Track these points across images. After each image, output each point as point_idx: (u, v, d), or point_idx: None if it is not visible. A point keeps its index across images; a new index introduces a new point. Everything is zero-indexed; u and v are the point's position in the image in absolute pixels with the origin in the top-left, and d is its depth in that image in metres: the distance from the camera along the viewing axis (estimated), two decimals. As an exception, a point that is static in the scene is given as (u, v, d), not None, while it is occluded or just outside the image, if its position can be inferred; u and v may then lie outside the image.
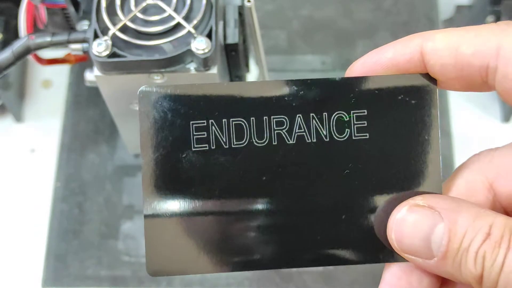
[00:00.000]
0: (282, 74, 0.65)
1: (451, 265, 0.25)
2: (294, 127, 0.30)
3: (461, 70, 0.27)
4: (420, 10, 0.68)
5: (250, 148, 0.30)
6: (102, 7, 0.44)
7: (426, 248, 0.26)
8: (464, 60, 0.27)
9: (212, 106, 0.30)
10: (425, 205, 0.26)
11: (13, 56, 0.47)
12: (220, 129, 0.30)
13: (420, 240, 0.26)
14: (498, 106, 0.66)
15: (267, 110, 0.30)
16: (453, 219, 0.25)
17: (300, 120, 0.30)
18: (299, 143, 0.30)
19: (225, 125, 0.30)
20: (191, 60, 0.44)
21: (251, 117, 0.30)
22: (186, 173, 0.30)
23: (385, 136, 0.30)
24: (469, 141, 0.64)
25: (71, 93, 0.65)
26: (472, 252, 0.25)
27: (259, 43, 0.49)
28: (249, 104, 0.30)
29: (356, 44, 0.67)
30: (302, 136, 0.30)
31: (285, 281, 0.57)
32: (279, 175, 0.30)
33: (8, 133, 0.66)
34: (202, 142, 0.30)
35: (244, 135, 0.30)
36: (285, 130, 0.30)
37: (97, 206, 0.60)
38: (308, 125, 0.30)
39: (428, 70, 0.28)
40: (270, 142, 0.30)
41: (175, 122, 0.30)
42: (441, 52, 0.27)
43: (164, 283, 0.57)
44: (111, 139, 0.63)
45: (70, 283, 0.58)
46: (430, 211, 0.26)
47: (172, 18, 0.44)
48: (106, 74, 0.44)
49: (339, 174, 0.30)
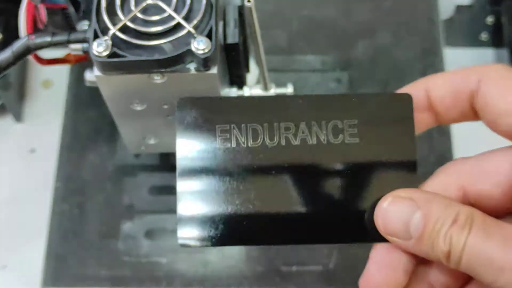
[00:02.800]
0: (282, 74, 0.65)
1: (425, 244, 0.32)
2: (299, 131, 0.38)
3: (455, 98, 0.35)
4: (420, 10, 0.68)
5: (263, 147, 0.38)
6: (102, 7, 0.44)
7: (406, 231, 0.32)
8: (455, 89, 0.35)
9: (233, 114, 0.38)
10: (406, 197, 0.33)
11: (13, 56, 0.47)
12: (239, 132, 0.38)
13: (401, 224, 0.32)
14: (498, 106, 0.66)
15: (277, 118, 0.38)
16: (428, 207, 0.32)
17: (303, 126, 0.38)
18: (303, 144, 0.38)
19: (244, 128, 0.38)
20: (191, 60, 0.44)
21: (264, 122, 0.38)
22: (212, 163, 0.37)
23: (373, 141, 0.37)
24: (469, 141, 0.64)
25: (71, 93, 0.65)
26: (442, 234, 0.31)
27: (259, 43, 0.49)
28: (263, 113, 0.38)
29: (356, 44, 0.67)
30: (304, 139, 0.38)
31: (285, 280, 0.57)
32: (286, 169, 0.37)
33: (8, 133, 0.66)
34: (225, 141, 0.38)
35: (258, 137, 0.38)
36: (291, 133, 0.38)
37: (97, 206, 0.60)
38: (310, 130, 0.38)
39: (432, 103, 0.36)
40: (279, 143, 0.38)
41: (204, 125, 0.38)
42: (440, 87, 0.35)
43: (164, 282, 0.57)
44: (111, 139, 0.63)
45: (70, 283, 0.58)
46: (410, 201, 0.32)
47: (172, 18, 0.44)
48: (106, 74, 0.44)
49: (334, 170, 0.37)
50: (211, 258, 0.58)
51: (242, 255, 0.58)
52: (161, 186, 0.61)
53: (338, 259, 0.57)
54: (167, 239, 0.59)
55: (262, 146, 0.38)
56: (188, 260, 0.58)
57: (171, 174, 0.62)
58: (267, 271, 0.57)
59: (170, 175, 0.62)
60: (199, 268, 0.58)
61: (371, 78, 0.65)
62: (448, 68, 0.65)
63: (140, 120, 0.50)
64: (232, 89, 0.53)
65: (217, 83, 0.45)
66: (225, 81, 0.51)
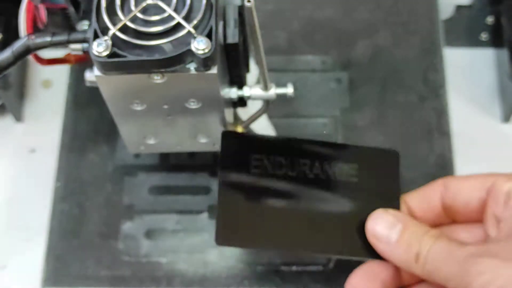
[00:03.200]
0: (282, 74, 0.65)
1: (401, 247, 0.43)
2: (313, 167, 0.49)
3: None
4: (420, 10, 0.68)
5: (285, 175, 0.49)
6: (102, 7, 0.44)
7: (388, 236, 0.43)
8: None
9: (264, 148, 0.50)
10: (392, 213, 0.45)
11: (13, 56, 0.47)
12: (268, 162, 0.49)
13: (386, 230, 0.44)
14: (498, 106, 0.66)
15: (297, 154, 0.50)
16: (407, 222, 0.44)
17: (317, 163, 0.50)
18: (316, 177, 0.49)
19: (272, 159, 0.49)
20: (191, 60, 0.44)
21: (288, 157, 0.49)
22: (245, 183, 0.49)
23: (368, 181, 0.50)
24: (469, 141, 0.64)
25: (71, 93, 0.65)
26: (414, 241, 0.42)
27: (259, 43, 0.49)
28: (287, 150, 0.50)
29: (356, 44, 0.67)
30: (317, 173, 0.49)
31: (285, 281, 0.57)
32: (302, 193, 0.49)
33: (8, 133, 0.66)
34: (256, 168, 0.49)
35: (282, 167, 0.49)
36: (307, 168, 0.49)
37: (97, 206, 0.60)
38: (322, 167, 0.49)
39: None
40: (298, 174, 0.49)
41: (242, 153, 0.49)
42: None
43: (164, 282, 0.57)
44: (111, 139, 0.63)
45: (70, 283, 0.58)
46: (394, 217, 0.45)
47: (172, 18, 0.44)
48: (106, 74, 0.44)
49: (337, 198, 0.49)
50: (211, 258, 0.58)
51: (242, 255, 0.58)
52: (161, 186, 0.61)
53: (338, 260, 0.58)
54: (167, 239, 0.59)
55: (284, 174, 0.49)
56: (188, 260, 0.58)
57: (171, 174, 0.62)
58: (267, 271, 0.57)
59: (170, 175, 0.62)
60: (199, 268, 0.58)
61: (371, 78, 0.65)
62: (448, 68, 0.65)
63: (140, 120, 0.50)
64: (232, 89, 0.53)
65: (217, 83, 0.45)
66: (225, 81, 0.51)
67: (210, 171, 0.62)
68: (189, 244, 0.59)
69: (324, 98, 0.64)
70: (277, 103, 0.60)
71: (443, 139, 0.62)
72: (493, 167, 0.64)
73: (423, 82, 0.64)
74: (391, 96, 0.64)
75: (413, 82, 0.64)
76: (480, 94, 0.67)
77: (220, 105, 0.48)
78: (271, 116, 0.63)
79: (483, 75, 0.68)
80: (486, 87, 0.67)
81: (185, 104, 0.48)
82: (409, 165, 0.61)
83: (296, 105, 0.64)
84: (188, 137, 0.53)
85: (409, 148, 0.62)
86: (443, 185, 0.46)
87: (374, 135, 0.62)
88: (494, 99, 0.66)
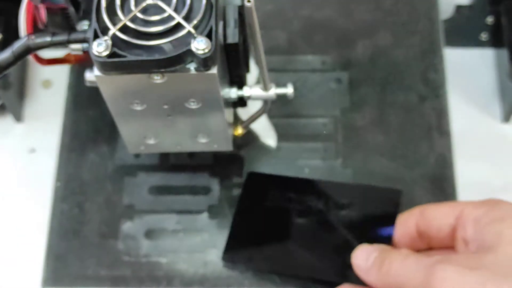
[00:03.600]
0: (282, 74, 0.65)
1: (373, 269, 0.47)
2: (320, 202, 0.57)
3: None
4: (420, 10, 0.68)
5: (293, 208, 0.57)
6: (102, 7, 0.44)
7: (365, 263, 0.48)
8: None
9: (278, 185, 0.59)
10: (372, 246, 0.49)
11: (13, 56, 0.48)
12: (281, 196, 0.58)
13: (364, 259, 0.49)
14: (498, 106, 0.66)
15: (305, 192, 0.58)
16: (381, 250, 0.48)
17: (323, 200, 0.57)
18: (318, 212, 0.57)
19: (284, 195, 0.58)
20: (191, 60, 0.44)
21: (298, 193, 0.58)
22: (260, 213, 0.58)
23: (367, 217, 0.56)
24: (469, 141, 0.64)
25: (71, 93, 0.65)
26: (384, 261, 0.47)
27: (259, 43, 0.49)
28: (299, 187, 0.59)
29: (356, 44, 0.67)
30: (321, 209, 0.57)
31: (284, 281, 0.57)
32: (306, 226, 0.56)
33: (8, 133, 0.66)
34: (270, 201, 0.58)
35: (291, 202, 0.58)
36: (313, 203, 0.57)
37: (97, 206, 0.60)
38: (327, 203, 0.57)
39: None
40: (305, 208, 0.57)
41: (260, 189, 0.59)
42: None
43: (164, 282, 0.57)
44: (111, 139, 0.63)
45: (70, 283, 0.58)
46: (372, 247, 0.49)
47: (172, 18, 0.44)
48: (106, 74, 0.44)
49: (339, 231, 0.56)
50: (211, 258, 0.58)
51: (242, 255, 0.59)
52: (161, 186, 0.61)
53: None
54: (167, 239, 0.59)
55: (293, 208, 0.57)
56: (188, 260, 0.58)
57: (171, 174, 0.62)
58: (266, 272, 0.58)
59: (170, 175, 0.62)
60: (199, 268, 0.58)
61: (371, 78, 0.65)
62: (448, 68, 0.65)
63: (140, 120, 0.50)
64: (232, 89, 0.53)
65: (217, 83, 0.46)
66: (225, 81, 0.51)
67: (210, 171, 0.62)
68: (189, 244, 0.59)
69: (324, 98, 0.64)
70: (277, 103, 0.60)
71: (443, 139, 0.62)
72: (493, 167, 0.65)
73: (423, 82, 0.64)
74: (391, 96, 0.64)
75: (413, 82, 0.64)
76: (480, 94, 0.67)
77: (220, 105, 0.48)
78: (271, 116, 0.63)
79: (483, 75, 0.68)
80: (486, 87, 0.67)
81: (185, 104, 0.48)
82: (409, 165, 0.61)
83: (296, 105, 0.64)
84: (188, 137, 0.53)
85: (409, 148, 0.62)
86: (419, 212, 0.50)
87: (374, 135, 0.62)
88: (494, 99, 0.66)
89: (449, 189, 0.60)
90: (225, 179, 0.61)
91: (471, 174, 0.63)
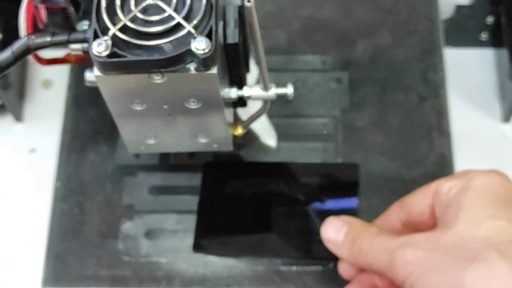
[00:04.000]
0: (282, 74, 0.65)
1: (346, 245, 0.48)
2: (279, 185, 0.59)
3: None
4: (420, 10, 0.68)
5: (254, 194, 0.59)
6: (102, 7, 0.44)
7: (336, 237, 0.49)
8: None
9: (239, 172, 0.60)
10: (339, 218, 0.50)
11: (13, 56, 0.48)
12: (241, 184, 0.59)
13: (334, 233, 0.50)
14: (498, 106, 0.66)
15: (267, 175, 0.60)
16: (351, 224, 0.49)
17: (283, 182, 0.59)
18: (281, 193, 0.59)
19: (244, 181, 0.59)
20: (191, 60, 0.44)
21: (258, 178, 0.60)
22: (221, 201, 0.59)
23: (329, 194, 0.58)
24: (469, 140, 0.64)
25: (71, 93, 0.65)
26: (356, 240, 0.48)
27: (259, 43, 0.49)
28: (258, 172, 0.60)
29: (356, 44, 0.67)
30: (282, 189, 0.59)
31: (285, 280, 0.57)
32: (270, 208, 0.58)
33: (8, 133, 0.66)
34: (231, 189, 0.59)
35: (252, 187, 0.59)
36: (273, 186, 0.59)
37: (97, 205, 0.60)
38: (288, 184, 0.59)
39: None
40: (266, 192, 0.59)
41: (220, 179, 0.60)
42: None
43: (164, 282, 0.58)
44: (111, 139, 0.63)
45: (70, 283, 0.58)
46: (341, 220, 0.50)
47: (172, 18, 0.44)
48: (106, 74, 0.44)
49: (302, 208, 0.58)
50: (211, 258, 0.58)
51: (242, 255, 0.59)
52: (161, 186, 0.61)
53: (338, 260, 0.58)
54: (167, 239, 0.59)
55: (254, 193, 0.59)
56: (188, 260, 0.58)
57: (171, 174, 0.62)
58: (267, 271, 0.58)
59: (170, 175, 0.62)
60: (199, 268, 0.58)
61: (371, 78, 0.65)
62: (448, 68, 0.65)
63: (140, 120, 0.50)
64: (232, 89, 0.53)
65: (217, 83, 0.46)
66: (225, 81, 0.51)
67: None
68: (189, 244, 0.59)
69: (324, 98, 0.64)
70: (277, 103, 0.60)
71: (443, 138, 0.62)
72: (493, 166, 0.64)
73: (423, 82, 0.65)
74: (391, 96, 0.64)
75: (413, 82, 0.65)
76: (480, 94, 0.67)
77: (220, 105, 0.48)
78: (271, 116, 0.63)
79: (483, 75, 0.68)
80: (486, 87, 0.67)
81: (185, 104, 0.48)
82: (409, 165, 0.61)
83: (296, 105, 0.64)
84: (188, 137, 0.53)
85: (409, 148, 0.62)
86: (398, 206, 0.50)
87: (374, 135, 0.63)
88: (494, 99, 0.67)
89: (449, 189, 0.60)
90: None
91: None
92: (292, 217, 0.58)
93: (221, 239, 0.58)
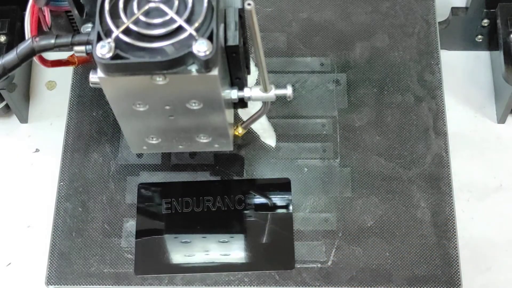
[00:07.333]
0: (281, 76, 0.66)
1: None
2: (216, 202, 0.60)
3: None
4: (417, 12, 0.68)
5: (192, 212, 0.60)
6: (105, 10, 0.45)
7: None
8: None
9: (174, 192, 0.61)
10: None
11: (17, 58, 0.48)
12: (177, 203, 0.60)
13: None
14: (494, 107, 0.67)
15: (202, 194, 0.60)
16: None
17: (219, 198, 0.60)
18: (218, 210, 0.60)
19: (180, 201, 0.60)
20: (193, 62, 0.44)
21: (193, 197, 0.60)
22: (159, 221, 0.60)
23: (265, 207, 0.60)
24: (465, 141, 0.64)
25: (74, 94, 0.65)
26: None
27: (259, 45, 0.49)
28: (193, 190, 0.61)
29: (354, 46, 0.67)
30: (220, 206, 0.60)
31: (284, 278, 0.58)
32: (207, 225, 0.60)
33: (13, 134, 0.67)
34: (167, 209, 0.60)
35: (190, 206, 0.60)
36: (211, 203, 0.60)
37: (100, 204, 0.61)
38: (223, 201, 0.60)
39: None
40: (203, 209, 0.60)
41: (155, 199, 0.61)
42: None
43: (166, 281, 0.58)
44: (114, 139, 0.63)
45: (73, 280, 0.58)
46: None
47: (174, 21, 0.44)
48: (109, 76, 0.45)
49: (238, 225, 0.60)
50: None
51: (242, 253, 0.59)
52: (163, 186, 0.62)
53: (336, 257, 0.58)
54: (168, 237, 0.60)
55: (191, 211, 0.60)
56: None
57: (173, 173, 0.62)
58: (267, 271, 0.58)
59: (171, 174, 0.62)
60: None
61: (368, 79, 0.65)
62: (444, 69, 0.66)
63: (142, 121, 0.51)
64: (233, 90, 0.54)
65: (218, 85, 0.46)
66: (226, 83, 0.51)
67: (211, 171, 0.62)
68: (190, 242, 0.59)
69: (323, 99, 0.65)
70: (276, 104, 0.60)
71: (439, 139, 0.62)
72: (488, 166, 0.65)
73: (420, 83, 0.65)
74: (389, 97, 0.64)
75: (410, 83, 0.65)
76: (475, 95, 0.67)
77: (221, 106, 0.49)
78: (271, 116, 0.64)
79: (478, 76, 0.68)
80: (482, 88, 0.67)
81: (186, 105, 0.49)
82: (406, 165, 0.61)
83: (295, 106, 0.64)
84: (189, 137, 0.53)
85: (406, 148, 0.62)
86: None
87: (372, 135, 0.63)
88: (490, 100, 0.67)
89: (445, 188, 0.60)
90: (225, 179, 0.62)
91: (467, 173, 0.63)
92: (230, 231, 0.59)
93: (160, 260, 0.58)
